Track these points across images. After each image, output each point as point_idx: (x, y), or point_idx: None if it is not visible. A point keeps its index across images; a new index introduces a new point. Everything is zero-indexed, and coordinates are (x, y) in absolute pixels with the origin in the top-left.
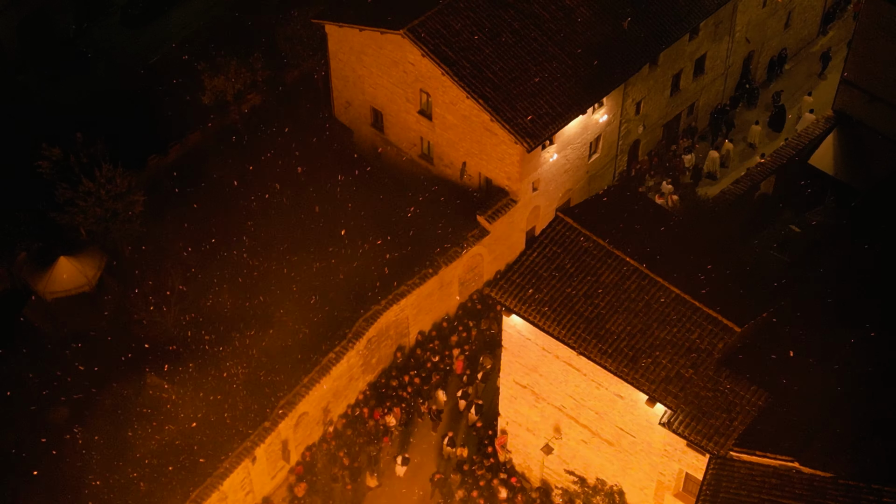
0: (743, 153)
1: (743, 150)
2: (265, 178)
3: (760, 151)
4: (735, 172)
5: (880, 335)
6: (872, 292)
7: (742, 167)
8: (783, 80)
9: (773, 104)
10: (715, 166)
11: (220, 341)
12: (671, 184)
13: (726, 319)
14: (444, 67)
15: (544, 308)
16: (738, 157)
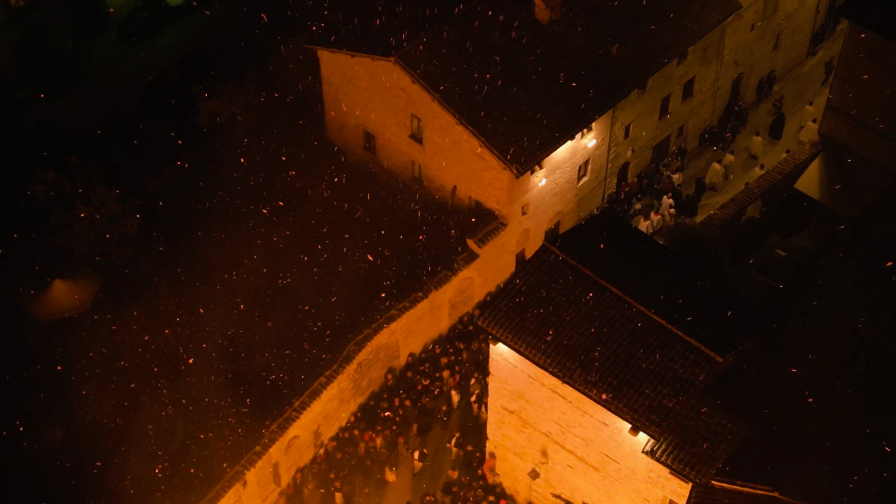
0: (745, 163)
1: (745, 161)
2: (259, 201)
3: (760, 162)
4: (736, 184)
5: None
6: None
7: (744, 178)
8: (787, 87)
9: (774, 111)
10: (718, 178)
11: (213, 363)
12: (671, 198)
13: (708, 350)
14: (433, 93)
15: (529, 337)
16: (739, 168)
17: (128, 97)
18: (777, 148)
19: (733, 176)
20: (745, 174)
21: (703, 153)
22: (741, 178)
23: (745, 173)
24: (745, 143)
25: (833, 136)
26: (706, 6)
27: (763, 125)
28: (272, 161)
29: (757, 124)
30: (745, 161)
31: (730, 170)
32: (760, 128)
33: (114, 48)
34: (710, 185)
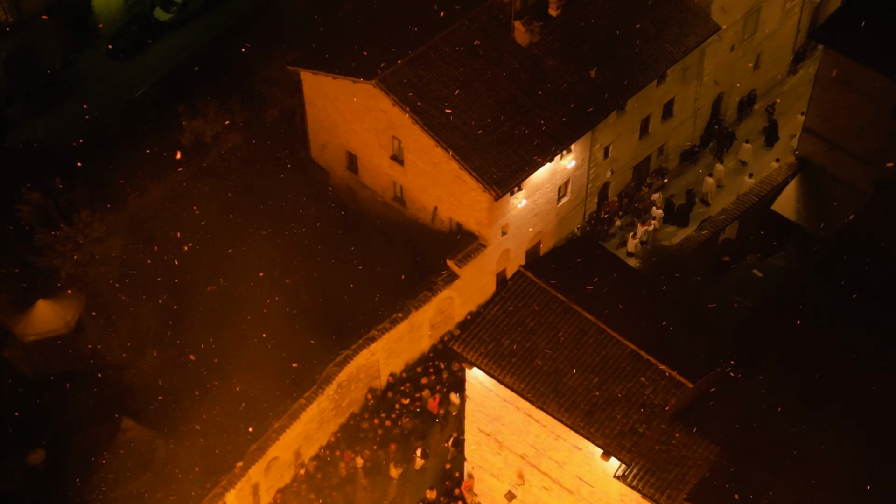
0: (736, 170)
1: (735, 168)
2: (244, 219)
3: (749, 171)
4: (727, 195)
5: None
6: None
7: (734, 187)
8: (779, 93)
9: (767, 117)
10: (711, 189)
11: (195, 385)
12: (660, 209)
13: (679, 375)
14: (414, 117)
15: (504, 362)
16: (731, 176)
17: (114, 114)
18: (771, 154)
19: (725, 187)
20: (737, 183)
21: (683, 172)
22: (733, 187)
23: (737, 182)
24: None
25: (809, 157)
26: (685, 28)
27: (752, 133)
28: (256, 181)
29: (745, 134)
30: (735, 168)
31: (721, 181)
32: (751, 135)
33: (102, 63)
34: (702, 196)
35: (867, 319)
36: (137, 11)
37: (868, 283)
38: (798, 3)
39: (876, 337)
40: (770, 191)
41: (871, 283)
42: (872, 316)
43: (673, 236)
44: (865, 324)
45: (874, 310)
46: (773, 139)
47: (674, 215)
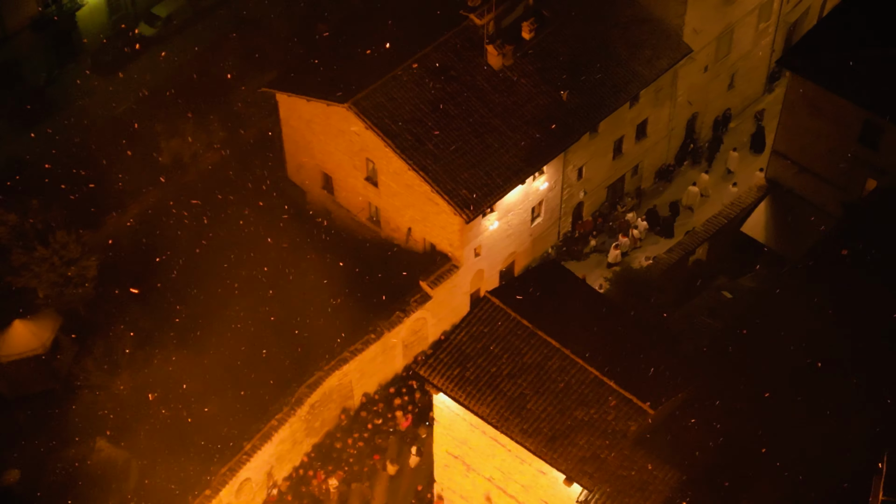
0: (724, 178)
1: (723, 176)
2: (220, 239)
3: (733, 180)
4: (713, 203)
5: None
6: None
7: (720, 196)
8: (742, 124)
9: (755, 122)
10: (695, 199)
11: (168, 405)
12: (645, 220)
13: (640, 402)
14: (386, 140)
15: (469, 387)
16: (716, 185)
17: (96, 131)
18: (758, 162)
19: (710, 196)
20: (722, 191)
21: (658, 191)
22: (718, 196)
23: (722, 191)
24: (695, 177)
25: (779, 179)
26: (657, 51)
27: (739, 141)
28: (234, 200)
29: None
30: (721, 176)
31: (706, 190)
32: (738, 143)
33: (86, 78)
34: (686, 206)
35: (835, 341)
36: (122, 26)
37: (839, 303)
38: (772, 24)
39: (843, 356)
40: (739, 213)
41: (842, 304)
42: (839, 337)
43: (656, 246)
44: (833, 345)
45: (841, 331)
46: (760, 146)
47: (658, 226)
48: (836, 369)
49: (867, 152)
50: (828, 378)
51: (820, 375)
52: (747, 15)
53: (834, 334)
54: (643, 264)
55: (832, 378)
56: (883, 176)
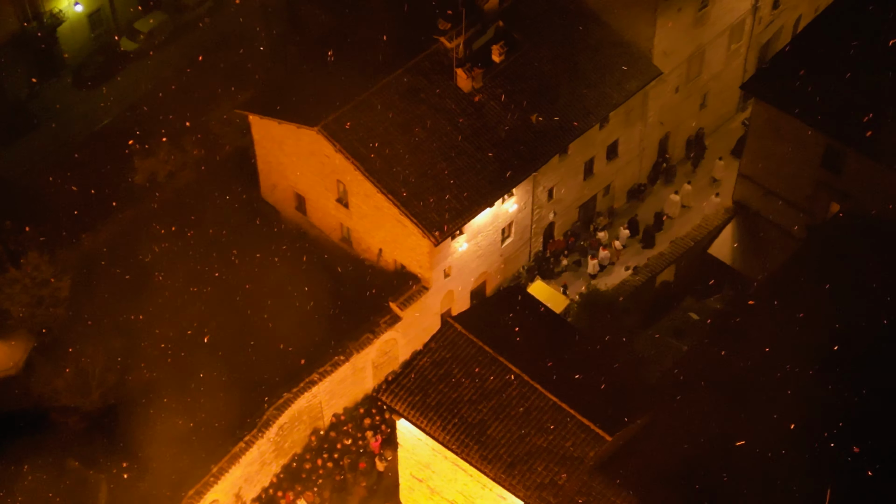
0: (711, 185)
1: (710, 183)
2: (194, 258)
3: (717, 190)
4: (695, 212)
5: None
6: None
7: (700, 206)
8: (717, 142)
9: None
10: (675, 209)
11: (138, 425)
12: (627, 228)
13: (598, 428)
14: (355, 163)
15: (430, 412)
16: (699, 195)
17: (75, 148)
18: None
19: (692, 207)
20: (704, 201)
21: (632, 209)
22: (699, 205)
23: (704, 201)
24: (668, 194)
25: (745, 202)
26: (626, 73)
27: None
28: (208, 219)
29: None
30: (706, 185)
31: (687, 200)
32: (723, 152)
33: (68, 93)
34: (667, 215)
35: (799, 362)
36: (104, 41)
37: (804, 324)
38: (744, 44)
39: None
40: (706, 235)
41: (806, 325)
42: (804, 358)
43: (637, 256)
44: (797, 366)
45: (806, 350)
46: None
47: (640, 235)
48: (802, 390)
49: (830, 176)
50: (794, 401)
51: (785, 398)
52: (718, 36)
53: (799, 354)
54: (623, 274)
55: (799, 401)
56: (846, 199)
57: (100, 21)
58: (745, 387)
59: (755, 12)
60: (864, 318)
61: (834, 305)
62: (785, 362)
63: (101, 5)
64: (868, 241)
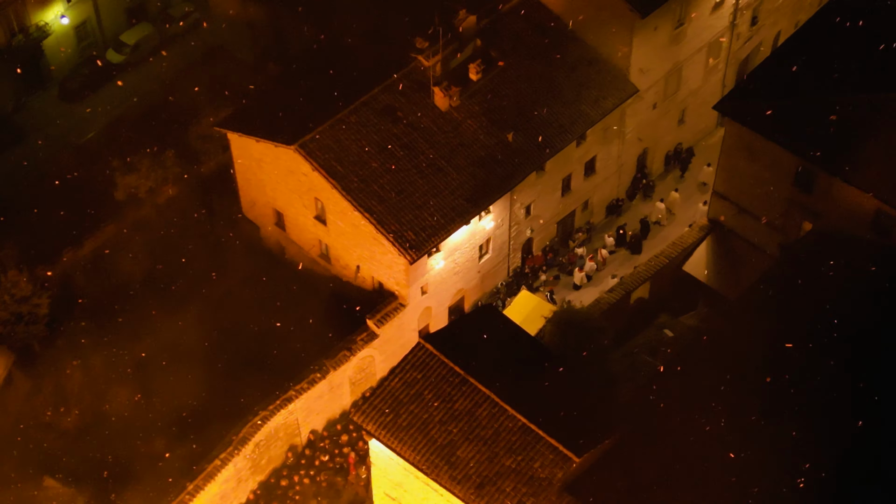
0: (700, 189)
1: (698, 187)
2: (174, 276)
3: (704, 198)
4: (682, 219)
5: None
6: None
7: (687, 215)
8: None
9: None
10: (662, 215)
11: (116, 442)
12: (611, 237)
13: (566, 449)
14: (332, 182)
15: (401, 433)
16: (687, 201)
17: (62, 159)
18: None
19: (677, 214)
20: (691, 209)
21: (609, 225)
22: (686, 213)
23: (691, 208)
24: (647, 210)
25: (720, 219)
26: (603, 91)
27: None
28: (189, 234)
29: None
30: (693, 192)
31: (673, 207)
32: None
33: (55, 105)
34: (654, 222)
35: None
36: (90, 54)
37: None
38: (722, 60)
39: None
40: (681, 252)
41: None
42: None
43: (627, 261)
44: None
45: (780, 369)
46: None
47: (627, 243)
48: (773, 408)
49: (802, 196)
50: (766, 418)
51: (758, 415)
52: (696, 53)
53: (772, 372)
54: (610, 283)
55: (771, 417)
56: (818, 219)
57: (86, 33)
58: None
59: (733, 29)
60: (831, 339)
61: (802, 327)
62: (757, 381)
63: (88, 18)
64: (839, 260)
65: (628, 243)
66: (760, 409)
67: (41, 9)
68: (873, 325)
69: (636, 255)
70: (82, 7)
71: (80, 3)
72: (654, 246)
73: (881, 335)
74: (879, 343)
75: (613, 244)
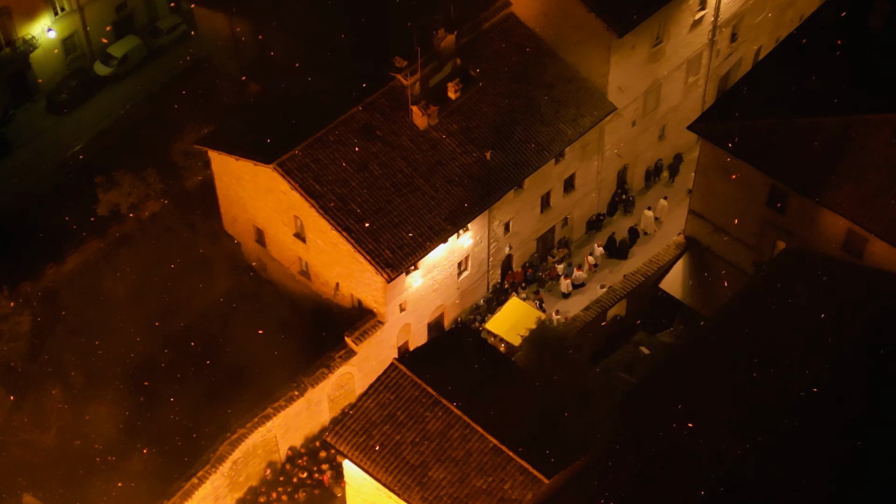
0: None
1: (684, 199)
2: (157, 290)
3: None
4: (671, 228)
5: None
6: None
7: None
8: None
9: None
10: (650, 224)
11: (95, 459)
12: (600, 245)
13: (536, 470)
14: (310, 200)
15: (373, 454)
16: (675, 209)
17: (42, 177)
18: None
19: (664, 222)
20: (679, 216)
21: (590, 240)
22: (675, 221)
23: (679, 216)
24: (628, 225)
25: (696, 237)
26: (581, 109)
27: None
28: (171, 250)
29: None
30: (683, 199)
31: (662, 215)
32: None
33: (42, 117)
34: (642, 230)
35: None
36: (77, 66)
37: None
38: (702, 77)
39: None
40: (658, 269)
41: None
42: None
43: (612, 274)
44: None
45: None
46: None
47: (615, 250)
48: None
49: (775, 215)
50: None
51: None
52: (675, 70)
53: (746, 389)
54: (598, 292)
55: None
56: (791, 237)
57: (73, 46)
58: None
59: (712, 46)
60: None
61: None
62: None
63: (75, 30)
64: (811, 279)
65: (617, 249)
66: (735, 428)
67: (28, 22)
68: (845, 342)
69: (623, 260)
70: (69, 20)
71: (67, 16)
72: (643, 252)
73: (853, 352)
74: (851, 360)
75: (603, 253)
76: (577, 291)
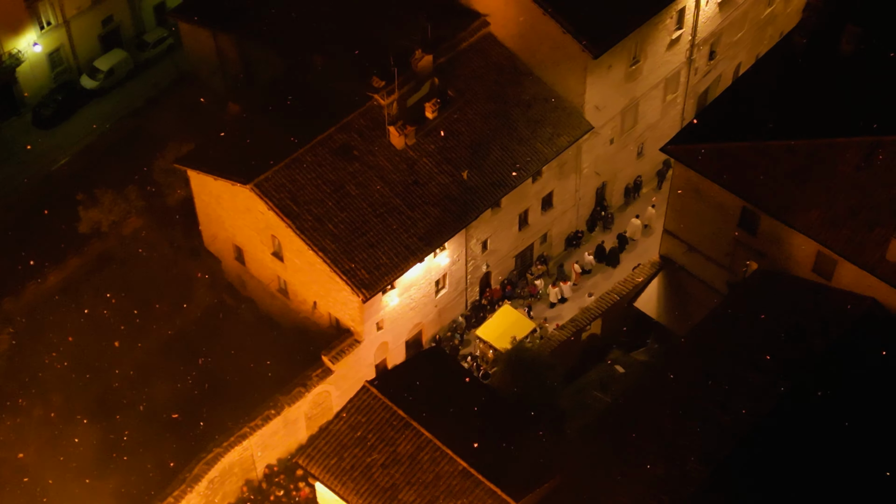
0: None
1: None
2: (138, 307)
3: None
4: (656, 236)
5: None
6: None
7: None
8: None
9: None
10: (636, 231)
11: (72, 478)
12: (590, 254)
13: (504, 493)
14: (286, 221)
15: (344, 476)
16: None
17: (26, 192)
18: None
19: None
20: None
21: (569, 256)
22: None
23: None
24: (609, 240)
25: (671, 257)
26: (558, 128)
27: None
28: (152, 267)
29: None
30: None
31: (650, 222)
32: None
33: (28, 131)
34: (630, 237)
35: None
36: (63, 80)
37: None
38: (680, 94)
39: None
40: (633, 288)
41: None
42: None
43: (607, 274)
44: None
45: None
46: None
47: (606, 257)
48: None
49: (747, 236)
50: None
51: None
52: (653, 89)
53: (719, 408)
54: (587, 301)
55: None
56: (762, 258)
57: (60, 60)
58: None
59: (690, 64)
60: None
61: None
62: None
63: (62, 44)
64: (783, 300)
65: (607, 256)
66: (702, 451)
67: (14, 36)
68: (815, 361)
69: (613, 268)
70: (55, 34)
71: (53, 30)
72: (633, 259)
73: (822, 371)
74: (821, 378)
75: (593, 261)
76: (566, 300)
